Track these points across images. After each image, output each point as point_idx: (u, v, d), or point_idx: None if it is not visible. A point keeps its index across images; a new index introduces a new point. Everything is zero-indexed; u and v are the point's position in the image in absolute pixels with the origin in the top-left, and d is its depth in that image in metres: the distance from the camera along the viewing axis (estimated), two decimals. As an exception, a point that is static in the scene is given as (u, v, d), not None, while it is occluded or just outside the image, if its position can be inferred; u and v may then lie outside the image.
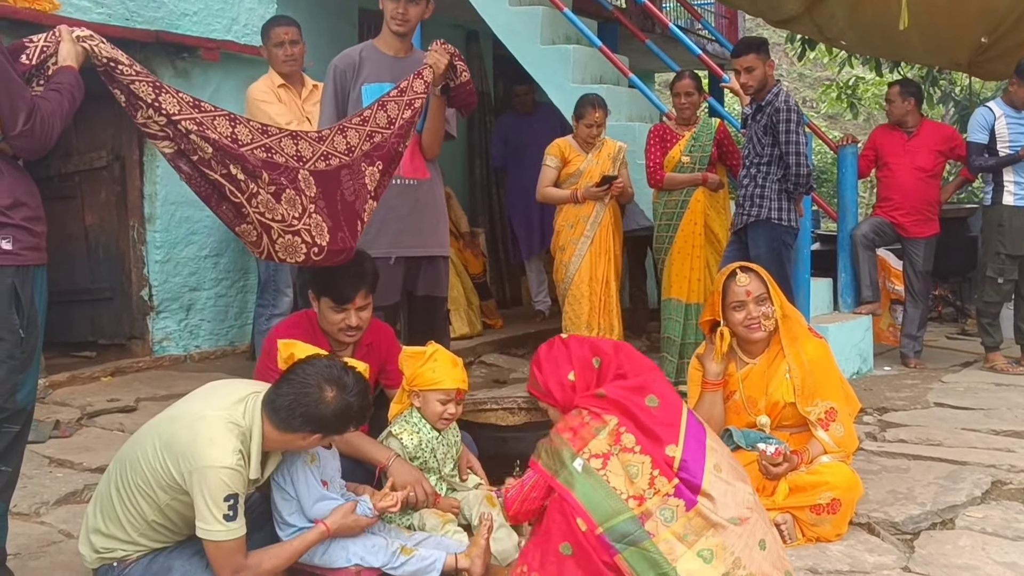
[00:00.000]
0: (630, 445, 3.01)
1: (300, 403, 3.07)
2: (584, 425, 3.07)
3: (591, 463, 2.99)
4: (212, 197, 3.57)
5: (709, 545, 2.91)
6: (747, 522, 2.99)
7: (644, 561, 2.89)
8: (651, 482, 2.96)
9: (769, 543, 3.05)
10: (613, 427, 3.04)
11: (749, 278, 4.12)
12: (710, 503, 2.96)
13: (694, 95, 6.54)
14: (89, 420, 5.52)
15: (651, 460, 2.99)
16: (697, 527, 2.93)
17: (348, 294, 3.92)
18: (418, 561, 3.36)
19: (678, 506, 2.94)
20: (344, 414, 3.13)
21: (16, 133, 2.72)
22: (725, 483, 3.04)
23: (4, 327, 2.72)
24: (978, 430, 5.36)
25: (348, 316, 3.93)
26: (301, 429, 3.10)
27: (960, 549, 3.74)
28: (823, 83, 19.89)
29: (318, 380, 3.10)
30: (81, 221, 6.98)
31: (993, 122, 6.98)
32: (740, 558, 2.91)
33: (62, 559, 3.72)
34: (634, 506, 2.94)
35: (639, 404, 3.09)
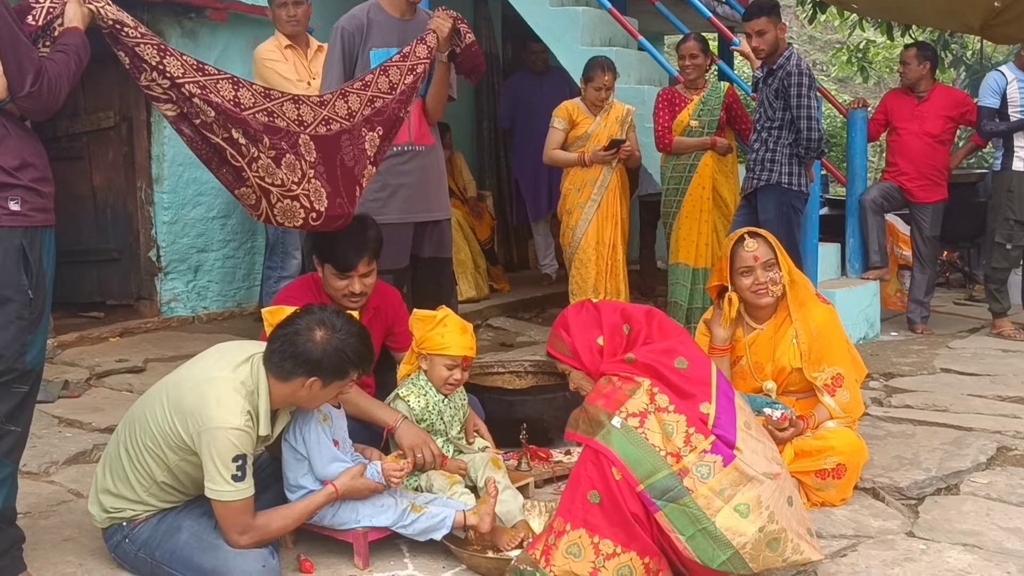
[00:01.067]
0: (664, 405, 3.03)
1: (291, 343, 3.10)
2: (616, 390, 3.08)
3: (629, 422, 3.00)
4: (213, 160, 3.56)
5: (745, 499, 2.93)
6: (779, 478, 3.03)
7: (684, 517, 2.91)
8: (687, 440, 2.98)
9: (795, 500, 3.09)
10: (647, 387, 3.05)
11: (757, 243, 4.10)
12: (744, 457, 2.98)
13: (699, 57, 6.47)
14: (98, 380, 5.55)
15: (686, 419, 3.00)
16: (734, 481, 2.95)
17: (351, 261, 3.92)
18: (428, 519, 3.39)
19: (715, 462, 2.96)
20: (337, 355, 3.13)
21: (24, 94, 2.71)
22: (755, 440, 3.07)
23: (12, 288, 2.72)
24: (984, 396, 5.37)
25: (352, 283, 3.94)
26: (295, 373, 3.11)
27: (964, 514, 3.75)
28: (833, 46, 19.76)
29: (308, 323, 3.14)
30: (89, 182, 6.97)
31: (1005, 86, 6.93)
32: (774, 512, 2.94)
33: (72, 518, 3.75)
34: (672, 463, 2.95)
35: (668, 366, 3.10)
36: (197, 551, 3.13)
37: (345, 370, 3.18)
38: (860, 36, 15.78)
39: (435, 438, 3.83)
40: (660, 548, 2.96)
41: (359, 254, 3.93)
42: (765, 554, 2.94)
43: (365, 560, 3.35)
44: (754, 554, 2.92)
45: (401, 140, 4.51)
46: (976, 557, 3.37)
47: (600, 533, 2.94)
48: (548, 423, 4.42)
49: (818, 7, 11.61)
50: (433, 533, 3.38)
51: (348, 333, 3.16)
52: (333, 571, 3.33)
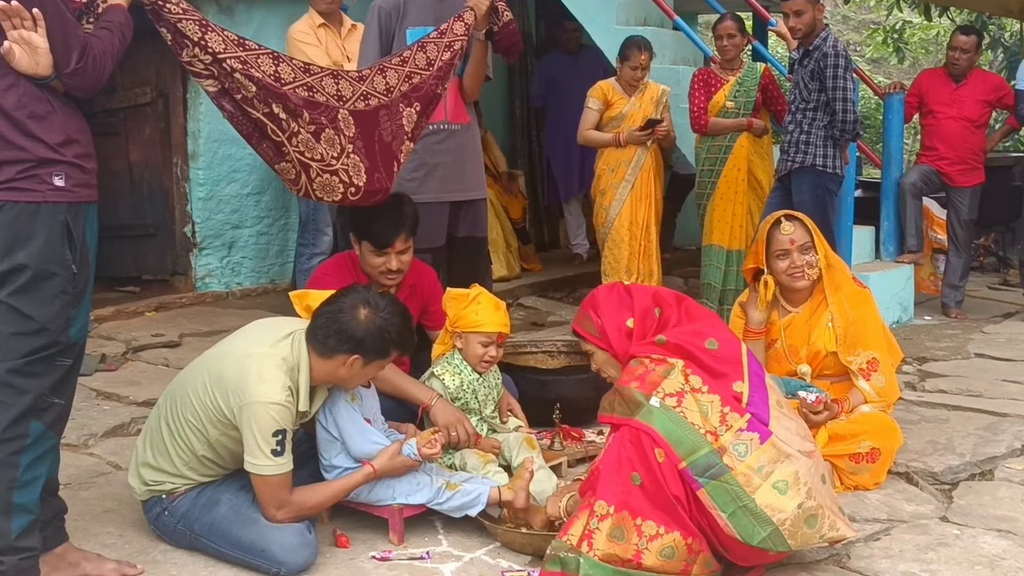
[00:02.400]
0: (698, 386, 3.03)
1: (335, 321, 3.14)
2: (649, 372, 3.08)
3: (667, 401, 3.00)
4: (254, 135, 3.58)
5: (784, 476, 2.94)
6: (813, 455, 3.04)
7: (726, 494, 2.91)
8: (723, 419, 2.98)
9: (827, 479, 3.11)
10: (681, 368, 3.06)
11: (794, 226, 4.09)
12: (780, 435, 2.99)
13: (736, 37, 6.42)
14: (134, 354, 5.60)
15: (720, 399, 3.01)
16: (771, 458, 2.95)
17: (388, 238, 3.95)
18: (463, 495, 3.41)
19: (752, 440, 2.96)
20: (380, 334, 3.16)
21: (70, 71, 2.72)
22: (788, 418, 3.08)
23: (57, 263, 2.74)
24: (1019, 381, 5.33)
25: (389, 260, 3.96)
26: (338, 350, 3.14)
27: (999, 500, 3.74)
28: (868, 26, 19.53)
29: (352, 301, 3.18)
30: (125, 157, 7.00)
31: None
32: (812, 488, 2.95)
33: (111, 490, 3.80)
34: (711, 441, 2.96)
35: (699, 347, 3.11)
36: (235, 524, 3.17)
37: (387, 349, 3.21)
38: (896, 17, 15.60)
39: (469, 417, 3.85)
40: (700, 529, 2.97)
41: (396, 231, 3.96)
42: (803, 530, 2.95)
43: (400, 536, 3.38)
44: (793, 530, 2.93)
45: (437, 119, 4.51)
46: (1010, 543, 3.36)
47: (643, 515, 2.95)
48: (581, 403, 4.41)
49: (854, -13, 11.50)
50: (468, 510, 3.41)
51: (392, 313, 3.19)
52: (368, 546, 3.36)
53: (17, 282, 2.73)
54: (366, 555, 3.29)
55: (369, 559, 3.27)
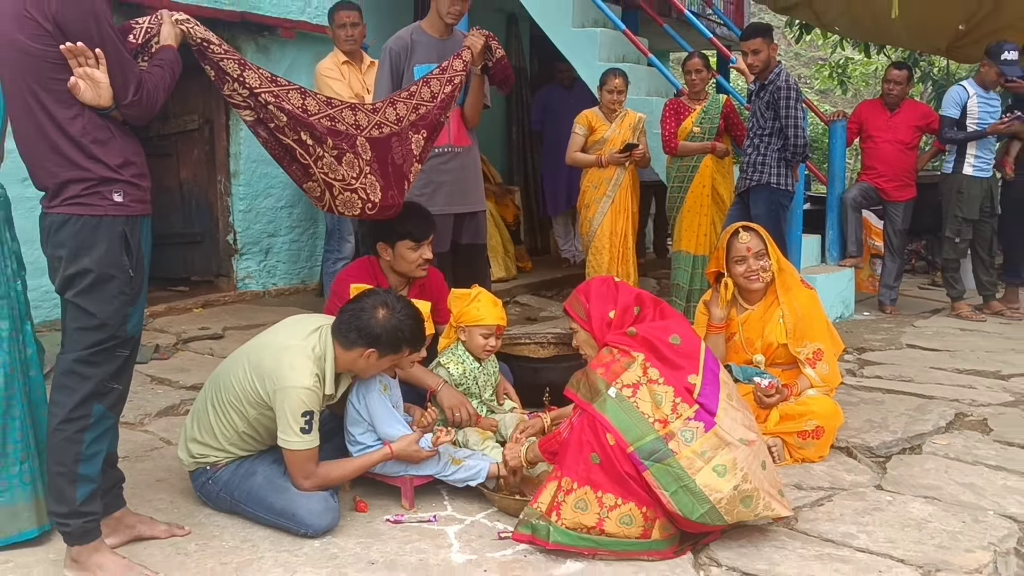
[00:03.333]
0: (655, 378, 3.03)
1: (357, 317, 3.16)
2: (615, 361, 3.09)
3: (623, 391, 3.01)
4: (284, 158, 3.58)
5: (723, 461, 2.93)
6: (754, 444, 3.02)
7: (668, 475, 2.91)
8: (674, 408, 2.99)
9: (768, 465, 3.08)
10: (641, 361, 3.06)
11: (750, 236, 4.09)
12: (724, 424, 2.98)
13: (703, 72, 6.43)
14: (183, 345, 5.60)
15: (673, 390, 3.01)
16: (713, 445, 2.95)
17: (426, 232, 4.00)
18: (466, 470, 3.42)
19: (697, 428, 2.96)
20: (394, 332, 3.17)
21: (127, 103, 2.72)
22: (735, 410, 3.07)
23: (116, 267, 2.74)
24: (944, 369, 5.34)
25: (424, 251, 3.99)
26: (357, 344, 3.15)
27: (926, 471, 3.74)
28: (817, 62, 19.54)
29: (373, 303, 3.19)
30: (176, 175, 7.01)
31: (966, 100, 6.82)
32: (747, 474, 2.94)
33: (163, 463, 3.81)
34: (659, 428, 2.96)
35: (663, 341, 3.11)
36: (270, 492, 3.18)
37: (399, 346, 3.22)
38: (840, 54, 15.61)
39: (471, 400, 3.86)
40: (653, 500, 2.97)
41: (431, 225, 4.03)
42: (739, 509, 2.94)
43: (411, 502, 3.38)
44: (729, 508, 2.92)
45: (442, 142, 4.53)
46: (936, 508, 3.37)
47: (603, 488, 2.96)
48: (568, 387, 4.42)
49: (804, 28, 11.51)
50: (470, 482, 3.42)
51: (406, 315, 3.21)
52: (384, 510, 3.36)
53: (82, 284, 2.74)
54: (381, 518, 3.30)
55: (384, 522, 3.27)
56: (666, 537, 2.99)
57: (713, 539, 3.08)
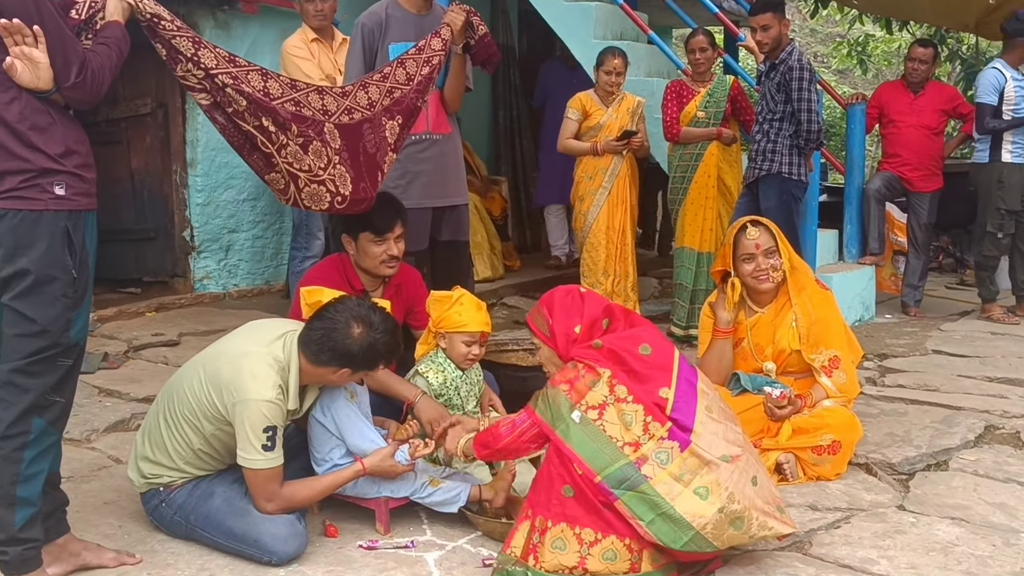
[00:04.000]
0: (623, 396, 2.99)
1: (329, 338, 3.12)
2: (579, 378, 3.04)
3: (588, 415, 2.97)
4: (244, 147, 3.58)
5: (704, 483, 2.91)
6: (738, 459, 2.99)
7: (643, 503, 2.89)
8: (645, 428, 2.95)
9: (760, 479, 3.05)
10: (607, 379, 3.01)
11: (759, 232, 4.10)
12: (702, 442, 2.95)
13: (708, 51, 6.44)
14: (135, 353, 5.58)
15: (643, 408, 2.97)
16: (692, 466, 2.93)
17: (389, 224, 3.97)
18: (445, 492, 3.41)
19: (672, 448, 2.93)
20: (371, 350, 3.16)
21: (69, 85, 2.72)
22: (716, 423, 3.02)
23: (58, 268, 2.74)
24: (973, 377, 5.36)
25: (389, 246, 3.98)
26: (330, 364, 3.15)
27: (953, 490, 3.76)
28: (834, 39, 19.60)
29: (346, 318, 3.15)
30: (127, 165, 6.99)
31: (1004, 85, 6.83)
32: (733, 493, 2.91)
33: (112, 483, 3.80)
34: (630, 452, 2.93)
35: (632, 352, 3.06)
36: (229, 515, 3.17)
37: (375, 363, 3.23)
38: (860, 30, 15.67)
39: (452, 412, 3.85)
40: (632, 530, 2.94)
41: (395, 217, 4.01)
42: (729, 532, 2.92)
43: (386, 526, 3.38)
44: (716, 533, 2.90)
45: (419, 129, 4.51)
46: (963, 530, 3.39)
47: (580, 523, 2.93)
48: (559, 398, 4.41)
49: (820, 3, 11.53)
50: (449, 506, 3.42)
51: (383, 331, 3.19)
52: (356, 536, 3.36)
53: (20, 286, 2.73)
54: (354, 544, 3.29)
55: (357, 548, 3.27)
56: (658, 568, 2.96)
57: (716, 567, 3.08)
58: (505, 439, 3.14)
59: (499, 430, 3.17)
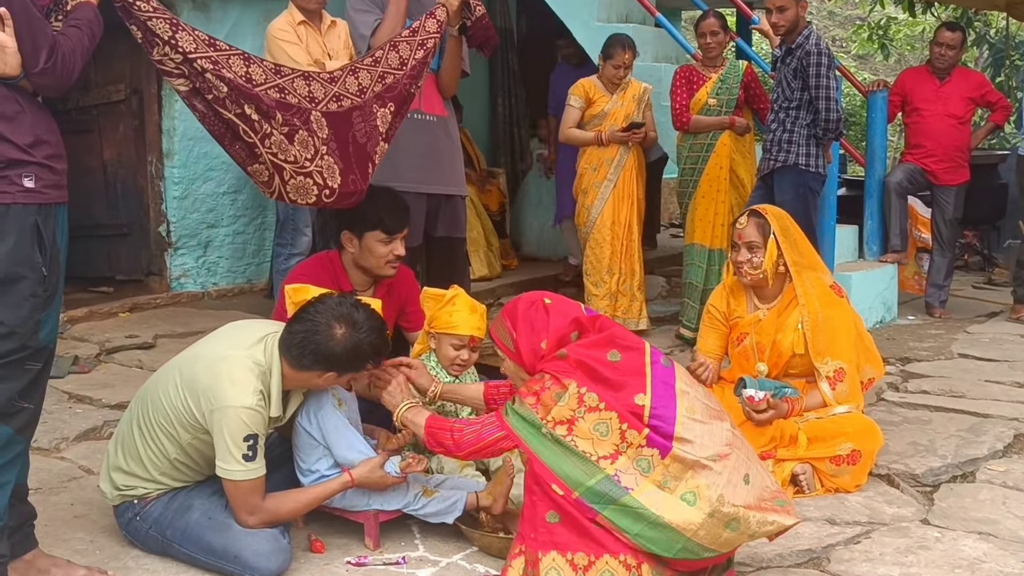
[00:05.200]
0: (594, 404, 2.96)
1: (310, 341, 3.12)
2: (545, 390, 3.01)
3: (556, 431, 2.96)
4: (225, 136, 3.59)
5: (690, 487, 2.91)
6: (726, 458, 2.97)
7: (626, 516, 2.89)
8: (622, 436, 2.93)
9: (753, 477, 3.02)
10: (574, 391, 2.98)
11: (747, 222, 4.16)
12: (686, 446, 2.93)
13: (720, 34, 6.44)
14: (107, 356, 5.58)
15: (617, 415, 2.95)
16: (676, 472, 2.92)
17: (400, 224, 4.00)
18: (439, 502, 3.42)
19: (653, 455, 2.92)
20: (355, 351, 3.16)
21: (38, 70, 2.72)
22: (700, 423, 2.99)
23: (27, 265, 2.74)
24: (1002, 382, 5.37)
25: (395, 246, 4.00)
26: (313, 367, 3.15)
27: (980, 503, 3.77)
28: (854, 22, 19.61)
29: (328, 318, 3.14)
30: (99, 155, 6.98)
31: None
32: (723, 495, 2.90)
33: (83, 495, 3.79)
34: (606, 465, 2.92)
35: (600, 360, 3.03)
36: (208, 530, 3.17)
37: (361, 364, 3.23)
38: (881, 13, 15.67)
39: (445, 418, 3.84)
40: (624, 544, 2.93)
41: (405, 215, 4.04)
42: (726, 535, 2.92)
43: (376, 541, 3.39)
44: (711, 537, 2.90)
45: (411, 108, 4.50)
46: (991, 546, 3.40)
47: (570, 549, 2.92)
48: (561, 405, 4.41)
49: (839, -17, 11.52)
50: (445, 516, 3.42)
51: (368, 330, 3.18)
52: (344, 551, 3.36)
53: (-15, 285, 2.73)
54: (341, 560, 3.30)
55: (344, 564, 3.27)
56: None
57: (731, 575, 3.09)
58: (467, 448, 3.11)
59: (462, 435, 3.11)
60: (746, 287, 4.25)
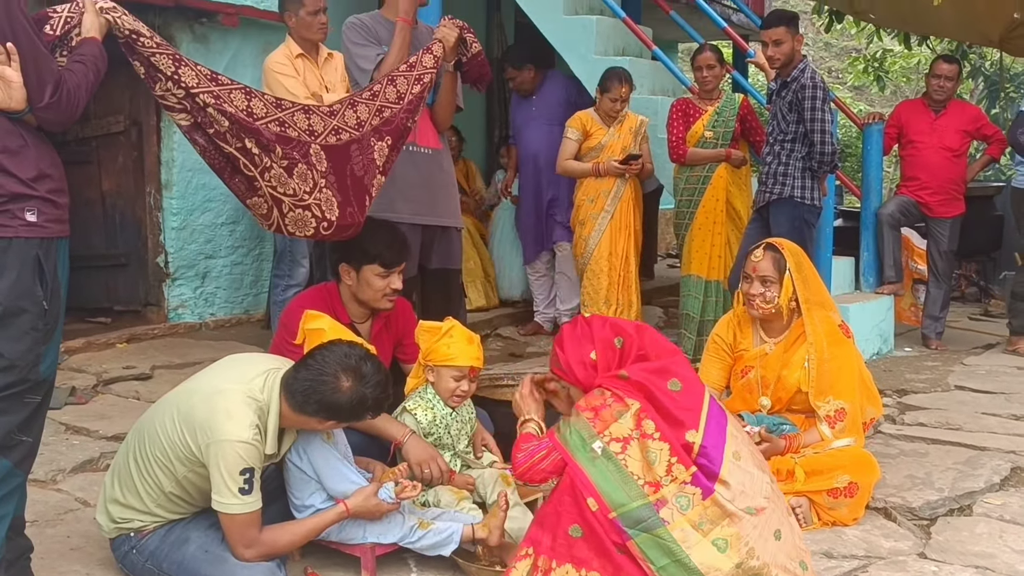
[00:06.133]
0: (650, 431, 2.99)
1: (316, 390, 3.10)
2: (606, 407, 3.05)
3: (611, 447, 2.98)
4: (226, 170, 3.62)
5: (724, 535, 2.92)
6: (763, 512, 2.99)
7: (657, 548, 2.90)
8: (668, 469, 2.95)
9: (785, 533, 3.05)
10: (635, 411, 3.02)
11: (762, 256, 4.16)
12: (727, 491, 2.95)
13: (716, 68, 6.51)
14: (105, 387, 5.57)
15: (669, 447, 2.97)
16: (713, 516, 2.93)
17: (401, 257, 4.03)
18: (435, 534, 3.42)
19: (694, 494, 2.94)
20: (359, 404, 3.16)
21: (43, 105, 2.75)
22: (743, 471, 3.02)
23: (28, 299, 2.75)
24: (999, 415, 5.38)
25: (393, 279, 4.01)
26: (316, 415, 3.14)
27: (977, 536, 3.77)
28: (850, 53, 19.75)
29: (335, 369, 3.12)
30: (98, 186, 7.01)
31: None
32: (754, 548, 2.92)
33: (79, 527, 3.78)
34: (650, 492, 2.93)
35: (661, 387, 3.06)
36: (204, 563, 3.16)
37: (362, 416, 3.24)
38: (877, 45, 15.78)
39: (442, 452, 3.86)
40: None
41: (404, 250, 4.07)
42: None
43: (372, 573, 3.38)
44: None
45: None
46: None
47: (587, 566, 2.93)
48: (558, 437, 4.41)
49: (835, 16, 11.62)
50: (441, 549, 3.42)
51: (375, 384, 3.16)
52: (340, 585, 3.36)
53: (-14, 319, 2.75)
54: (338, 594, 3.30)
55: (341, 598, 3.27)
56: None
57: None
58: (521, 467, 3.12)
59: (514, 456, 3.16)
60: (753, 319, 4.27)
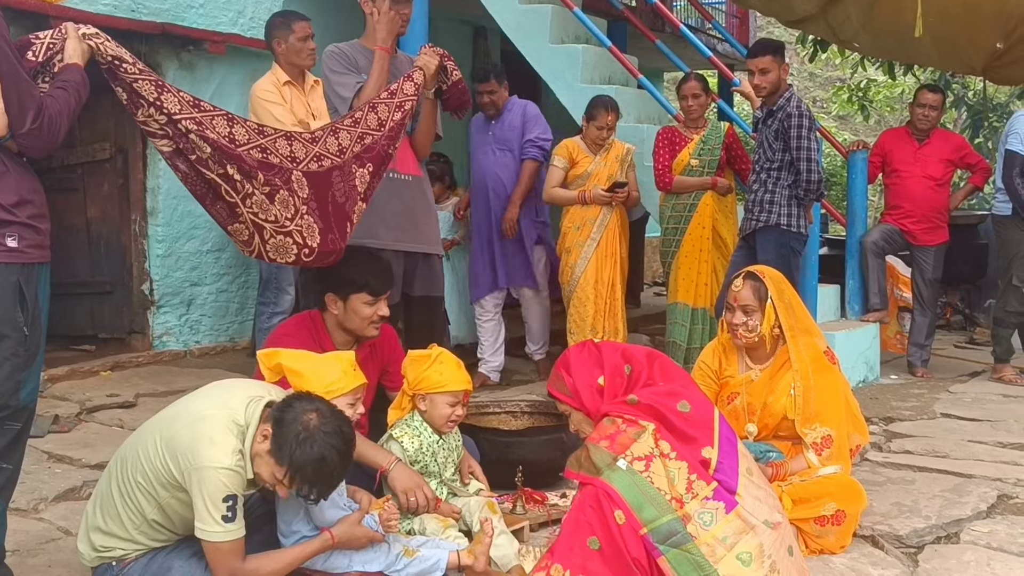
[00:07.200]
0: (667, 451, 3.03)
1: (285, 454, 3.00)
2: (620, 432, 3.07)
3: (635, 465, 3.00)
4: (207, 196, 3.62)
5: (748, 548, 2.94)
6: (780, 527, 3.03)
7: (687, 563, 2.91)
8: (689, 486, 2.98)
9: (795, 551, 3.10)
10: (652, 432, 3.05)
11: (743, 286, 4.16)
12: (747, 505, 2.98)
13: (701, 97, 6.54)
14: (88, 415, 5.55)
15: (687, 465, 3.01)
16: (736, 529, 2.95)
17: (387, 285, 4.04)
18: (421, 562, 3.39)
19: (717, 509, 2.97)
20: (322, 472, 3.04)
21: (24, 131, 2.75)
22: (757, 487, 3.07)
23: (8, 325, 2.75)
24: (985, 442, 5.38)
25: (380, 307, 4.01)
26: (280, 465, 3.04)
27: (964, 564, 3.75)
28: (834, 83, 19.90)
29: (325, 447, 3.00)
30: (83, 213, 7.01)
31: None
32: (776, 562, 2.94)
33: (61, 557, 3.74)
34: (676, 508, 2.96)
35: (672, 409, 3.10)
36: (187, 592, 3.13)
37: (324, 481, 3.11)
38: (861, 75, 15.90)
39: (429, 480, 3.84)
40: None
41: (390, 275, 4.09)
42: None
43: (358, 603, 3.35)
44: None
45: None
46: (976, 608, 3.38)
47: None
48: (544, 465, 4.40)
49: (819, 46, 11.71)
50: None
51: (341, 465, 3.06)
52: (325, 614, 3.33)
53: (-34, 345, 2.73)
54: (322, 623, 3.26)
55: (325, 628, 3.24)
56: None
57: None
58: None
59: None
60: (739, 347, 4.27)
